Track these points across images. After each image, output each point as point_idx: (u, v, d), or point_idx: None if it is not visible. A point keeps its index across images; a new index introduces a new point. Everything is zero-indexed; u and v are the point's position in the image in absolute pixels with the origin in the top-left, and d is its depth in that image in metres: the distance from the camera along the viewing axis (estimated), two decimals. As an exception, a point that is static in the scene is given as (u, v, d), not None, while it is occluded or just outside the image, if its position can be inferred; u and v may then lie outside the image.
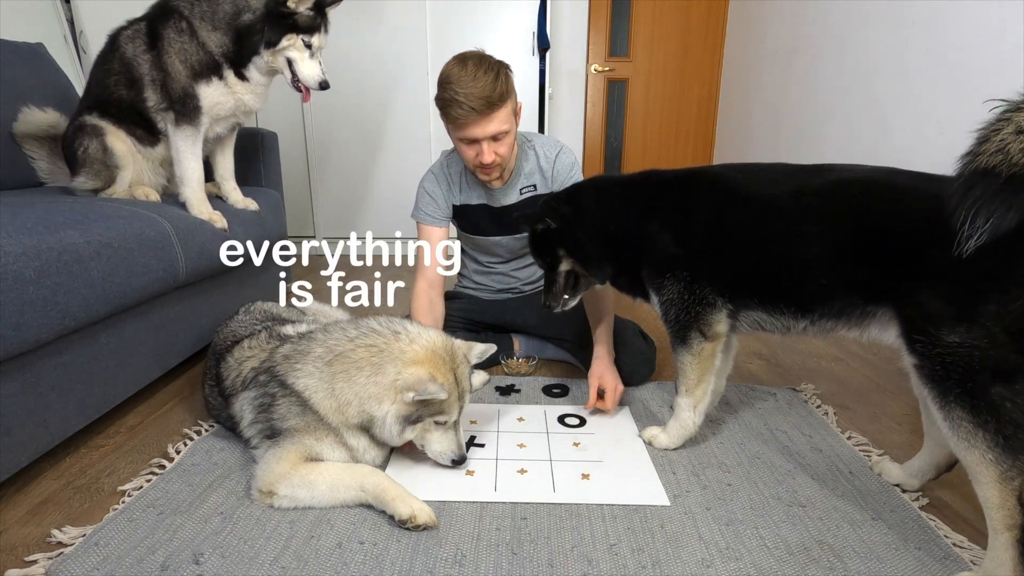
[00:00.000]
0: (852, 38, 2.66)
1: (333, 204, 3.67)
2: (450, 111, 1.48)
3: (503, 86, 1.47)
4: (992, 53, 1.89)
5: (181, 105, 1.72)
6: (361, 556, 1.02)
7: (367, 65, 3.40)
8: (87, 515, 1.12)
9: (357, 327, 1.24)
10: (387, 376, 1.16)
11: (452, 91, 1.45)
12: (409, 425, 1.18)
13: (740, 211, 1.20)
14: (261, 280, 2.25)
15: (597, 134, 4.36)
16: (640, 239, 1.31)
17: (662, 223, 1.28)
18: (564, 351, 1.89)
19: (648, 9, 4.13)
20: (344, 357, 1.19)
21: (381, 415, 1.16)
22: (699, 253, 1.24)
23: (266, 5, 1.66)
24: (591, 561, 1.01)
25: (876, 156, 2.46)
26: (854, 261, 1.04)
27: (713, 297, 1.24)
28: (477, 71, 1.44)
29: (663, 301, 1.30)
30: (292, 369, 1.21)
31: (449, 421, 1.22)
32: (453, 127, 1.53)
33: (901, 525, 1.12)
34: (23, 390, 1.15)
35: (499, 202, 1.73)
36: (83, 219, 1.31)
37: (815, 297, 1.12)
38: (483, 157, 1.52)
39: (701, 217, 1.24)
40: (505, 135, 1.52)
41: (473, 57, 1.48)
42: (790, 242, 1.12)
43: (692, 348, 1.28)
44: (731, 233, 1.20)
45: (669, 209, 1.28)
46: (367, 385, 1.16)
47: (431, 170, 1.77)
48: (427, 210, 1.73)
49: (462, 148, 1.57)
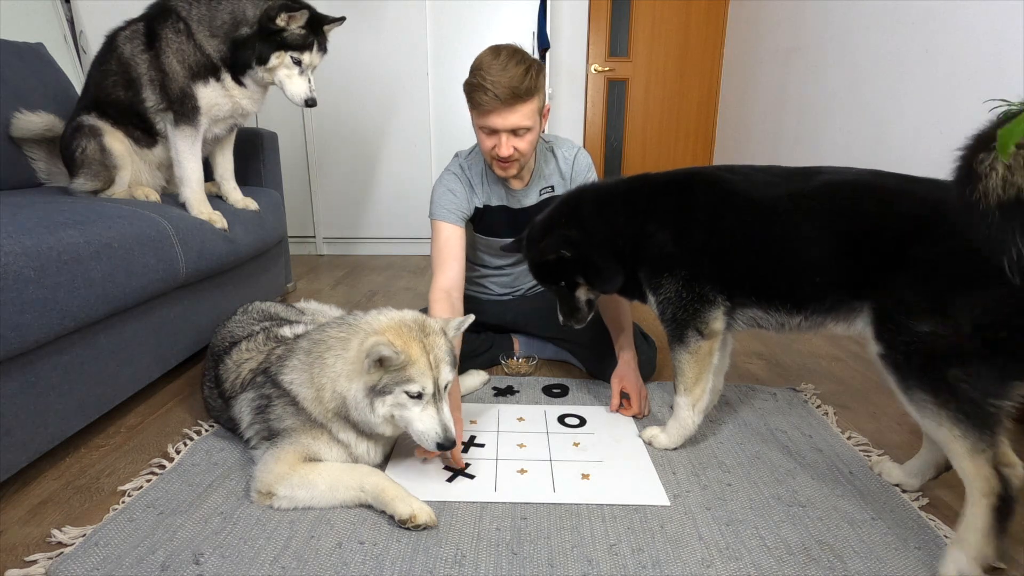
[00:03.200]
0: (852, 38, 2.66)
1: (333, 204, 3.67)
2: (475, 96, 1.47)
3: (532, 81, 1.46)
4: (992, 53, 1.89)
5: (179, 105, 1.72)
6: (361, 556, 1.02)
7: (367, 64, 3.40)
8: (87, 515, 1.12)
9: (342, 317, 1.25)
10: (351, 350, 1.14)
11: (480, 77, 1.45)
12: (378, 398, 1.11)
13: (739, 211, 1.21)
14: (261, 280, 2.25)
15: (597, 134, 4.36)
16: (638, 241, 1.31)
17: (660, 223, 1.28)
18: (564, 351, 1.89)
19: (648, 9, 4.13)
20: (320, 343, 1.19)
21: (351, 393, 1.13)
22: (697, 252, 1.25)
23: (259, 20, 1.65)
24: (591, 561, 1.01)
25: (876, 155, 2.46)
26: (845, 260, 1.09)
27: (713, 294, 1.25)
28: (508, 62, 1.44)
29: (660, 300, 1.31)
30: (282, 367, 1.21)
31: (423, 392, 1.13)
32: (476, 113, 1.52)
33: (901, 525, 1.12)
34: (23, 390, 1.15)
35: (519, 203, 1.72)
36: (83, 219, 1.31)
37: (809, 294, 1.15)
38: (500, 150, 1.51)
39: (699, 217, 1.25)
40: (527, 132, 1.51)
41: (508, 48, 1.48)
42: (786, 242, 1.15)
43: (689, 347, 1.29)
44: (730, 232, 1.22)
45: (668, 209, 1.29)
46: (335, 364, 1.15)
47: (450, 170, 1.72)
48: (448, 207, 1.66)
49: (481, 137, 1.55)
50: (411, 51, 3.41)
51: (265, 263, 2.30)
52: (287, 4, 1.66)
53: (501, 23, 3.42)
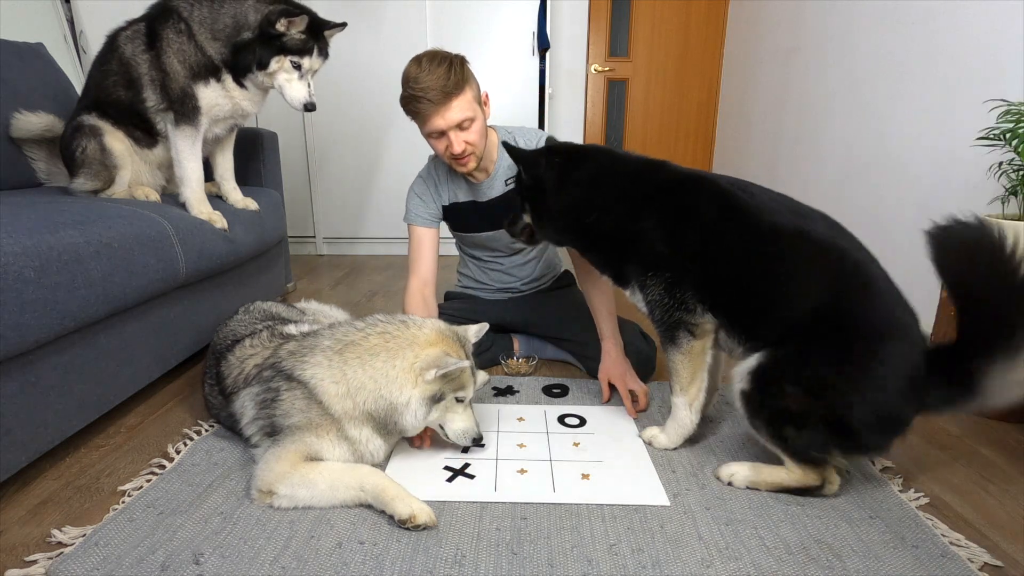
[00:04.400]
0: (852, 38, 2.66)
1: (333, 204, 3.67)
2: (412, 107, 1.53)
3: (457, 75, 1.50)
4: (992, 53, 1.89)
5: (180, 105, 1.72)
6: (361, 556, 1.02)
7: (367, 64, 3.40)
8: (87, 515, 1.12)
9: (364, 320, 1.28)
10: (405, 360, 1.19)
11: (411, 88, 1.50)
12: (434, 405, 1.21)
13: (740, 231, 1.20)
14: (261, 280, 2.25)
15: (597, 134, 4.36)
16: (627, 230, 1.29)
17: (658, 220, 1.26)
18: (564, 351, 1.90)
19: (648, 9, 4.13)
20: (356, 345, 1.21)
21: (404, 399, 1.18)
22: (687, 259, 1.24)
23: (260, 25, 1.66)
24: (591, 561, 1.01)
25: (875, 156, 2.46)
26: (794, 305, 1.15)
27: (693, 303, 1.25)
28: (431, 65, 1.49)
29: (648, 301, 1.30)
30: (300, 361, 1.22)
31: (467, 397, 1.27)
32: (420, 122, 1.56)
33: (899, 523, 1.12)
34: (23, 390, 1.15)
35: (485, 196, 1.75)
36: (83, 219, 1.31)
37: (769, 327, 1.18)
38: (453, 148, 1.55)
39: (698, 224, 1.23)
40: (471, 122, 1.54)
41: (427, 54, 1.53)
42: (774, 275, 1.17)
43: (682, 347, 1.29)
44: (726, 248, 1.20)
45: (668, 209, 1.27)
46: (384, 369, 1.18)
47: (419, 175, 1.82)
48: (417, 212, 1.77)
49: (434, 144, 1.60)
50: (411, 51, 3.32)
51: (265, 263, 2.30)
52: (287, 9, 1.66)
53: (501, 23, 3.42)
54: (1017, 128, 1.50)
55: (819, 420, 1.10)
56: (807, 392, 1.10)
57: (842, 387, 1.08)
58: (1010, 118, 1.51)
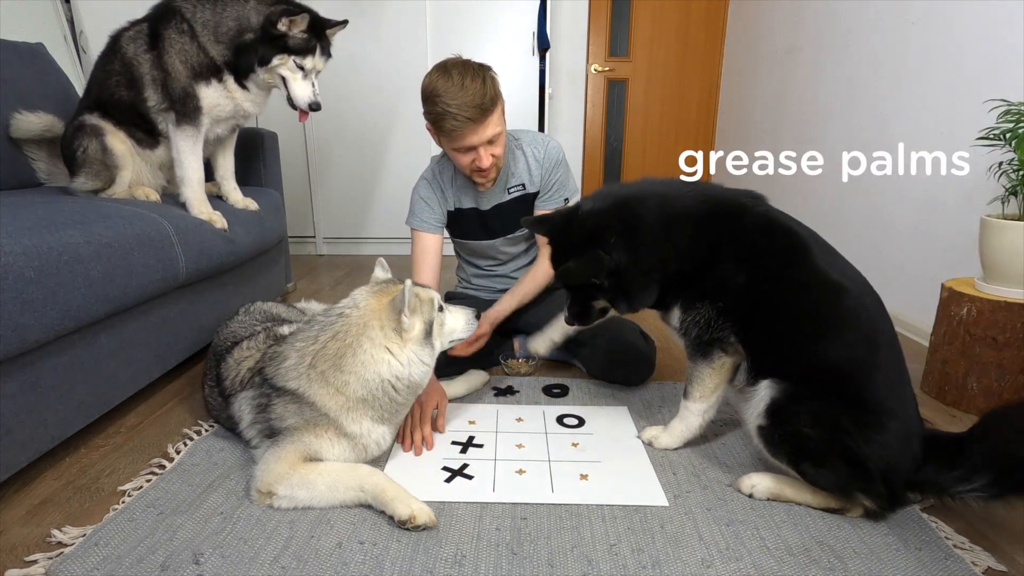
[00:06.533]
0: (852, 38, 2.66)
1: (333, 204, 3.67)
2: (444, 124, 1.46)
3: (492, 90, 1.46)
4: (992, 53, 1.88)
5: (181, 105, 1.72)
6: (361, 556, 1.02)
7: (367, 65, 3.40)
8: (87, 515, 1.12)
9: (311, 327, 1.24)
10: (374, 340, 1.19)
11: (443, 104, 1.43)
12: (430, 337, 1.23)
13: (798, 275, 1.19)
14: (261, 280, 2.25)
15: (597, 134, 4.35)
16: (702, 268, 1.24)
17: (737, 260, 1.21)
18: (564, 351, 1.89)
19: (648, 9, 4.12)
20: (321, 355, 1.19)
21: (407, 357, 1.20)
22: (743, 294, 1.21)
23: (262, 26, 1.66)
24: (591, 561, 1.01)
25: (875, 155, 2.45)
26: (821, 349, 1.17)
27: (728, 333, 1.23)
28: (464, 79, 1.42)
29: (687, 320, 1.27)
30: (277, 372, 1.21)
31: (443, 304, 1.30)
32: (448, 139, 1.51)
33: (901, 526, 1.12)
34: (23, 390, 1.15)
35: (488, 203, 1.73)
36: (83, 219, 1.31)
37: (777, 372, 1.18)
38: (481, 162, 1.52)
39: (771, 265, 1.20)
40: (499, 136, 1.53)
41: (456, 65, 1.46)
42: (813, 320, 1.17)
43: (713, 362, 1.27)
44: (785, 293, 1.19)
45: (746, 248, 1.21)
46: (362, 360, 1.18)
47: (424, 177, 1.76)
48: (423, 216, 1.72)
49: (457, 157, 1.56)
50: (411, 51, 3.41)
51: (265, 263, 2.30)
52: (288, 8, 1.66)
53: (501, 23, 3.43)
54: (1017, 128, 1.50)
55: (838, 460, 1.09)
56: (823, 432, 1.10)
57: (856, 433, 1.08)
58: (1010, 118, 1.51)
